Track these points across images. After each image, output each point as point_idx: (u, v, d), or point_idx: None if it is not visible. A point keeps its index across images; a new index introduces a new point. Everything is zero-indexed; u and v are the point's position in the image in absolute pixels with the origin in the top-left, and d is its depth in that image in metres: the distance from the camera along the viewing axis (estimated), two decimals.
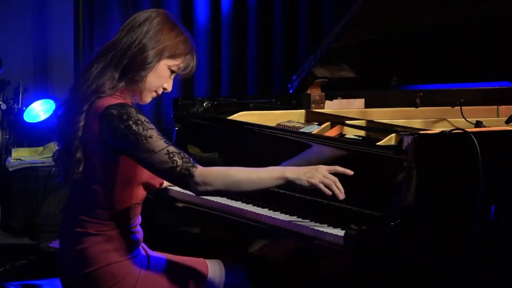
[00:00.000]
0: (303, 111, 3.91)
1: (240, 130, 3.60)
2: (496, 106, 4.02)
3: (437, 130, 3.13)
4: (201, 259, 3.14)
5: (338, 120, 3.65)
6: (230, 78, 5.90)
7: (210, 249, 3.30)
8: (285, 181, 2.85)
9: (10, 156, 5.25)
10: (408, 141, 2.89)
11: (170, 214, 3.54)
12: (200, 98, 3.93)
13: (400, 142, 2.94)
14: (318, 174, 2.84)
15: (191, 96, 5.77)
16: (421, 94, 4.01)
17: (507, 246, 3.02)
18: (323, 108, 3.98)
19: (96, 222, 2.91)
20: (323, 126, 3.56)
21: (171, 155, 2.81)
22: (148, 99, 3.00)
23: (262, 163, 3.42)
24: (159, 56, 2.94)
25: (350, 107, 4.01)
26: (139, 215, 3.03)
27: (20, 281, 3.31)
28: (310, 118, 3.85)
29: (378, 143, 3.14)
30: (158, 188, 3.11)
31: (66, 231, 3.00)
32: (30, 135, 5.52)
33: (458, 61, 4.01)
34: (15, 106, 5.46)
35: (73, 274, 2.96)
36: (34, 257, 4.88)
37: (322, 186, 2.83)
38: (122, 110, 2.84)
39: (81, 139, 2.87)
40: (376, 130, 3.48)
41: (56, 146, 3.01)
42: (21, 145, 5.48)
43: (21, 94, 5.52)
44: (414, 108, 3.98)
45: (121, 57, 2.92)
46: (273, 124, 3.67)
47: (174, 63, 2.98)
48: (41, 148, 5.37)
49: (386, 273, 2.83)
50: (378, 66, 4.11)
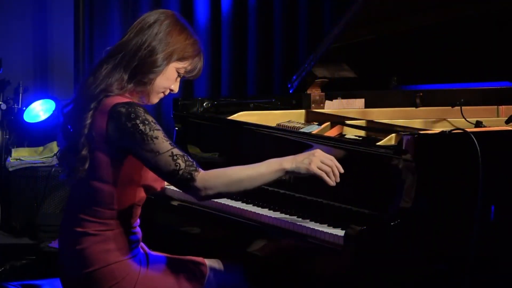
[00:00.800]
0: (303, 111, 3.91)
1: (240, 130, 3.60)
2: (496, 106, 4.02)
3: (437, 130, 3.13)
4: (200, 258, 3.14)
5: (338, 120, 3.65)
6: (230, 78, 5.90)
7: (210, 249, 3.30)
8: (284, 172, 2.87)
9: (10, 156, 5.25)
10: (408, 141, 2.89)
11: (170, 214, 3.54)
12: (200, 98, 3.93)
13: (400, 142, 2.94)
14: (316, 160, 2.86)
15: (191, 96, 5.77)
16: (421, 94, 4.01)
17: (507, 246, 3.02)
18: (323, 108, 3.97)
19: (96, 221, 2.91)
20: (323, 126, 3.56)
21: (175, 158, 2.81)
22: (155, 100, 3.02)
23: None
24: (168, 59, 2.95)
25: (350, 107, 4.01)
26: (139, 216, 3.03)
27: (20, 281, 3.31)
28: (310, 118, 3.85)
29: (378, 143, 3.14)
30: (159, 191, 3.11)
31: (66, 231, 3.00)
32: (30, 135, 5.51)
33: (458, 61, 4.00)
34: (15, 106, 5.46)
35: (73, 274, 2.96)
36: (34, 257, 4.88)
37: (321, 173, 2.85)
38: (130, 108, 2.85)
39: (87, 137, 2.88)
40: (376, 130, 3.48)
41: (57, 146, 3.02)
42: (21, 145, 5.48)
43: (21, 94, 5.51)
44: (414, 108, 3.98)
45: (130, 59, 2.93)
46: (273, 124, 3.67)
47: (182, 66, 2.99)
48: (41, 148, 5.37)
49: (386, 273, 2.83)
50: (378, 66, 4.11)
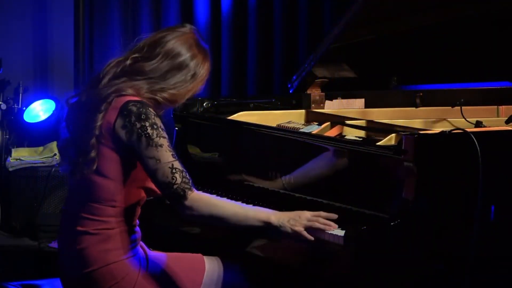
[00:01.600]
0: (303, 111, 3.90)
1: (240, 130, 3.60)
2: (496, 106, 4.02)
3: (437, 130, 3.13)
4: (199, 255, 3.14)
5: (338, 120, 3.65)
6: (230, 78, 5.90)
7: (210, 249, 3.29)
8: (268, 225, 2.90)
9: (10, 156, 5.25)
10: (408, 141, 2.89)
11: (170, 214, 3.53)
12: (200, 98, 3.93)
13: (400, 142, 2.94)
14: (301, 221, 2.90)
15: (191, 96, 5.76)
16: (421, 94, 4.01)
17: (507, 246, 3.02)
18: (323, 108, 3.97)
19: (96, 219, 2.91)
20: (323, 126, 3.56)
21: (174, 171, 2.83)
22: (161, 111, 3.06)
23: (262, 163, 3.43)
24: (192, 91, 3.03)
25: (350, 107, 4.01)
26: (138, 216, 3.04)
27: (20, 281, 3.31)
28: (310, 118, 3.85)
29: (378, 143, 3.14)
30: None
31: (65, 231, 3.00)
32: (30, 135, 5.51)
33: (458, 61, 4.00)
34: (15, 106, 5.46)
35: (73, 274, 2.96)
36: (34, 257, 4.88)
37: (305, 233, 2.88)
38: (142, 109, 2.86)
39: (97, 138, 2.88)
40: (376, 130, 3.48)
41: (56, 146, 3.02)
42: (21, 145, 5.48)
43: (21, 94, 5.51)
44: (414, 108, 3.98)
45: (154, 83, 2.94)
46: (273, 124, 3.67)
47: (198, 89, 3.05)
48: (41, 148, 5.37)
49: (386, 273, 2.83)
50: (378, 66, 4.11)
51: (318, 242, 2.90)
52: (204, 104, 3.90)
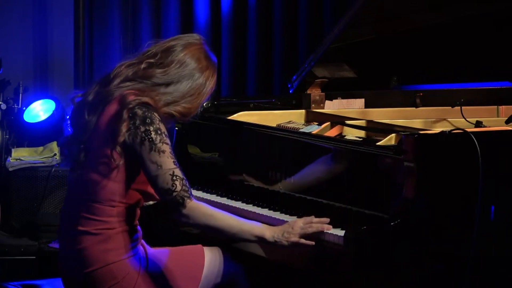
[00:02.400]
0: (303, 111, 3.90)
1: (240, 130, 3.60)
2: (496, 106, 4.02)
3: (437, 130, 3.13)
4: (199, 246, 3.15)
5: (338, 120, 3.65)
6: (230, 78, 5.90)
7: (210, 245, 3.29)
8: (262, 240, 2.91)
9: (10, 156, 5.24)
10: (408, 141, 2.89)
11: (170, 214, 3.53)
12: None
13: (400, 142, 2.94)
14: (295, 231, 2.90)
15: None
16: (421, 94, 4.01)
17: (507, 246, 3.02)
18: (323, 108, 3.97)
19: (96, 219, 2.91)
20: (323, 126, 3.56)
21: (174, 178, 2.83)
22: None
23: (262, 163, 3.43)
24: (201, 103, 3.03)
25: (350, 107, 4.01)
26: (138, 217, 3.04)
27: (20, 281, 3.31)
28: (310, 118, 3.85)
29: (378, 143, 3.14)
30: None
31: (65, 231, 3.00)
32: (30, 135, 5.50)
33: (458, 61, 4.00)
34: (15, 106, 5.45)
35: (73, 274, 2.97)
36: (34, 257, 4.88)
37: (303, 241, 2.89)
38: (147, 113, 2.86)
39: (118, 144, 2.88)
40: (376, 130, 3.48)
41: (56, 146, 3.02)
42: (21, 145, 5.47)
43: (21, 94, 5.50)
44: (414, 108, 3.98)
45: (167, 94, 2.95)
46: (273, 124, 3.67)
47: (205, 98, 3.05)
48: (41, 148, 5.36)
49: (386, 273, 2.83)
50: (378, 66, 4.11)
51: (318, 243, 2.90)
52: (204, 104, 3.89)
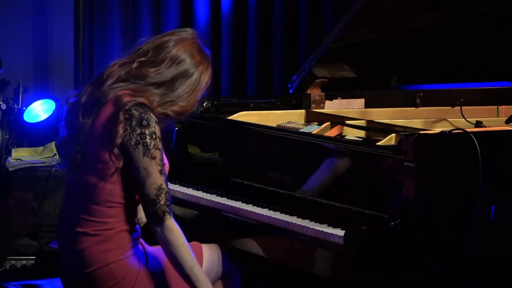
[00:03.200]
0: (303, 111, 3.90)
1: (240, 130, 3.60)
2: (496, 106, 4.02)
3: (437, 130, 3.13)
4: (197, 244, 3.14)
5: (338, 120, 3.65)
6: (230, 78, 5.90)
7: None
8: None
9: (10, 156, 5.24)
10: (408, 141, 2.89)
11: None
12: (200, 98, 3.92)
13: (400, 142, 2.94)
14: None
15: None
16: (421, 94, 4.01)
17: (507, 246, 3.02)
18: (323, 108, 3.97)
19: (95, 220, 2.91)
20: (323, 126, 3.56)
21: (160, 191, 2.83)
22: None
23: (262, 163, 3.43)
24: (197, 100, 3.01)
25: (350, 107, 4.01)
26: (137, 215, 3.03)
27: (20, 281, 3.31)
28: (310, 118, 3.85)
29: (378, 143, 3.14)
30: None
31: (65, 231, 3.00)
32: (30, 135, 5.51)
33: (458, 61, 4.00)
34: (15, 106, 5.45)
35: (73, 274, 2.97)
36: (34, 257, 4.88)
37: None
38: (144, 114, 2.84)
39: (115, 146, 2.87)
40: (376, 130, 3.48)
41: (55, 145, 3.01)
42: (21, 145, 5.48)
43: (21, 94, 5.50)
44: (414, 108, 3.98)
45: (164, 95, 2.93)
46: (273, 124, 3.67)
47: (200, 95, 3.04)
48: (41, 148, 5.36)
49: (386, 273, 2.83)
50: (378, 66, 4.11)
51: (318, 242, 2.90)
52: (204, 104, 3.89)
